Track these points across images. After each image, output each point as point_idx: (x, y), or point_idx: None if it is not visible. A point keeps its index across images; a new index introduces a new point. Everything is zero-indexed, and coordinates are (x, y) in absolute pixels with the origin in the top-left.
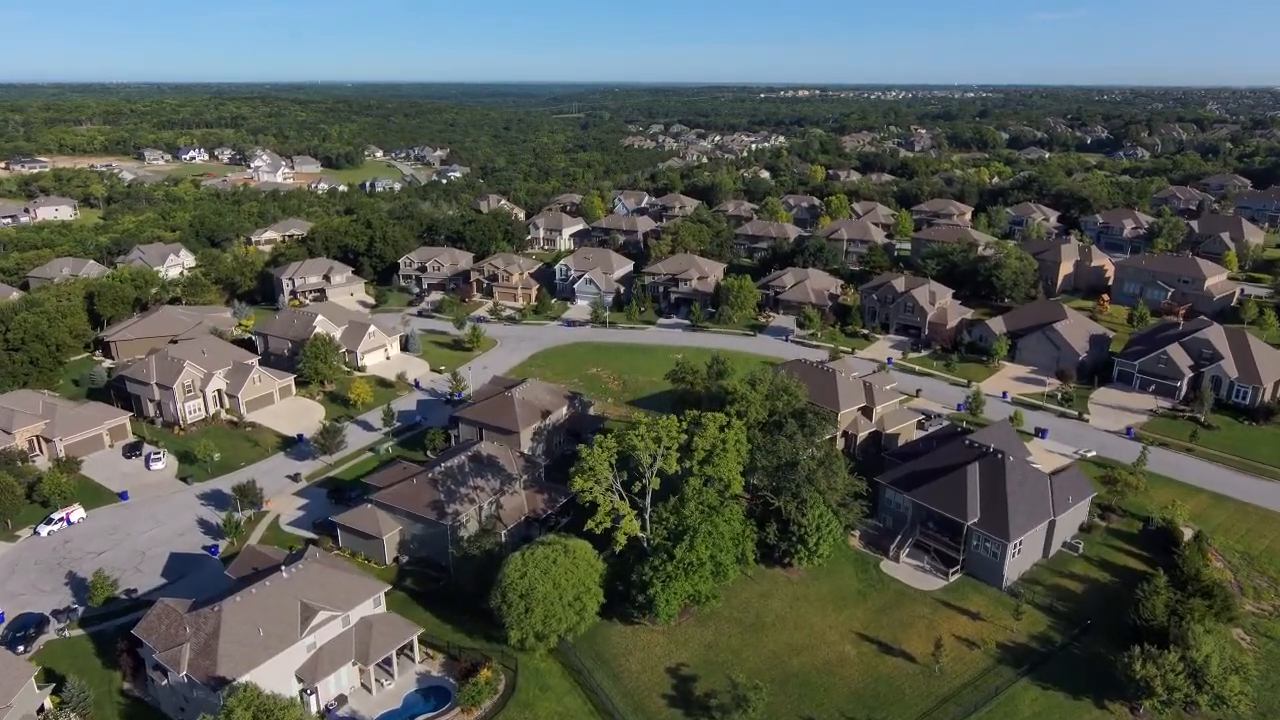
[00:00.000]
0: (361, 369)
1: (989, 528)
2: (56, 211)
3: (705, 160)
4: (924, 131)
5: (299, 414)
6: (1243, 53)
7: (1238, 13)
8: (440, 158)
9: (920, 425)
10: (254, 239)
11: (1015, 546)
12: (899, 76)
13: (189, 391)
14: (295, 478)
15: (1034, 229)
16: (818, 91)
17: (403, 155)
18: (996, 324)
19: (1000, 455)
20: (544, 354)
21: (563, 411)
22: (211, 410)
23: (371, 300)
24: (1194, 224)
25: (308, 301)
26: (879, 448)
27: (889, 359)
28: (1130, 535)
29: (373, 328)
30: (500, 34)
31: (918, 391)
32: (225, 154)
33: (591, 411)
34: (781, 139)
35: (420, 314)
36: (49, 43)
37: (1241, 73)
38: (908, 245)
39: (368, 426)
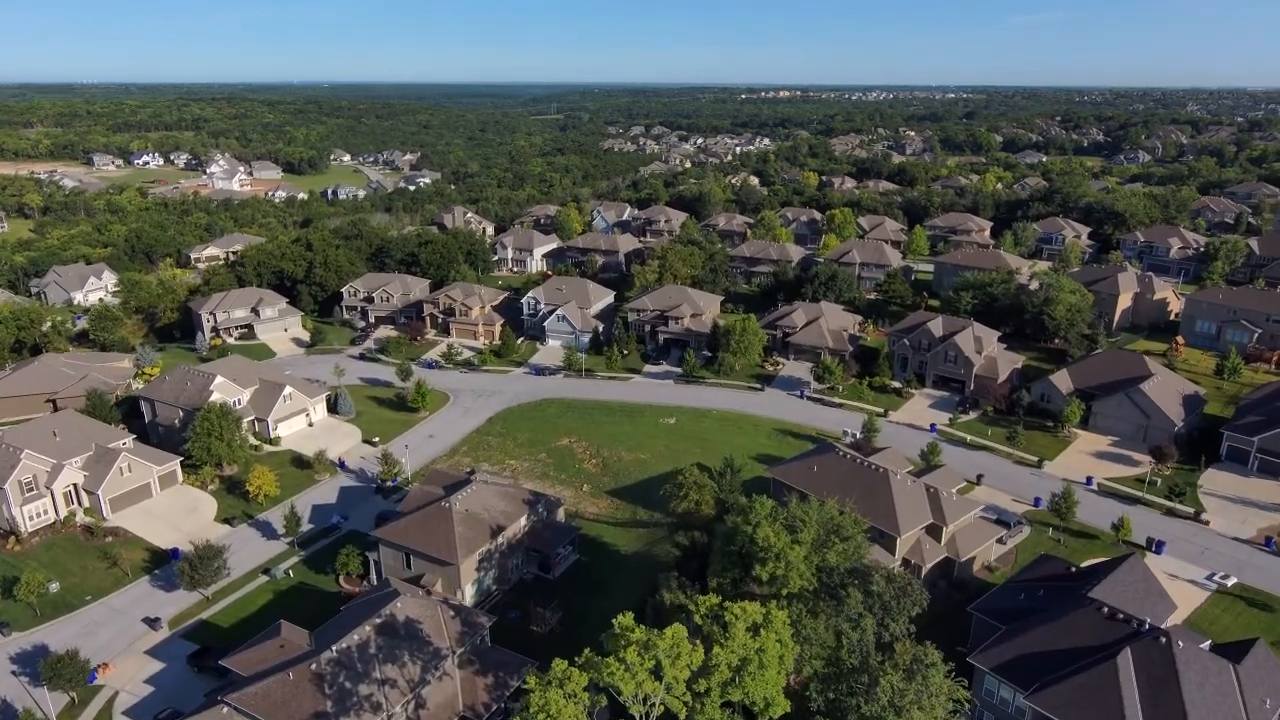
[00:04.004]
0: (275, 441)
1: None
2: None
3: (689, 165)
4: (914, 134)
5: (182, 513)
6: (1214, 55)
7: (1206, 17)
8: (410, 162)
9: (999, 540)
10: (193, 256)
11: None
12: (879, 77)
13: (29, 490)
14: (154, 622)
15: (1070, 250)
16: (799, 93)
17: (371, 159)
18: (1061, 379)
19: (1164, 639)
20: (505, 415)
21: (521, 523)
22: (64, 512)
23: (307, 337)
24: (1252, 243)
25: (232, 340)
26: (949, 580)
27: (932, 425)
28: None
29: (289, 389)
30: (481, 33)
31: (979, 477)
32: (181, 159)
33: (562, 514)
34: (767, 141)
35: (363, 356)
36: (16, 44)
37: (1214, 74)
38: (927, 267)
39: (269, 531)
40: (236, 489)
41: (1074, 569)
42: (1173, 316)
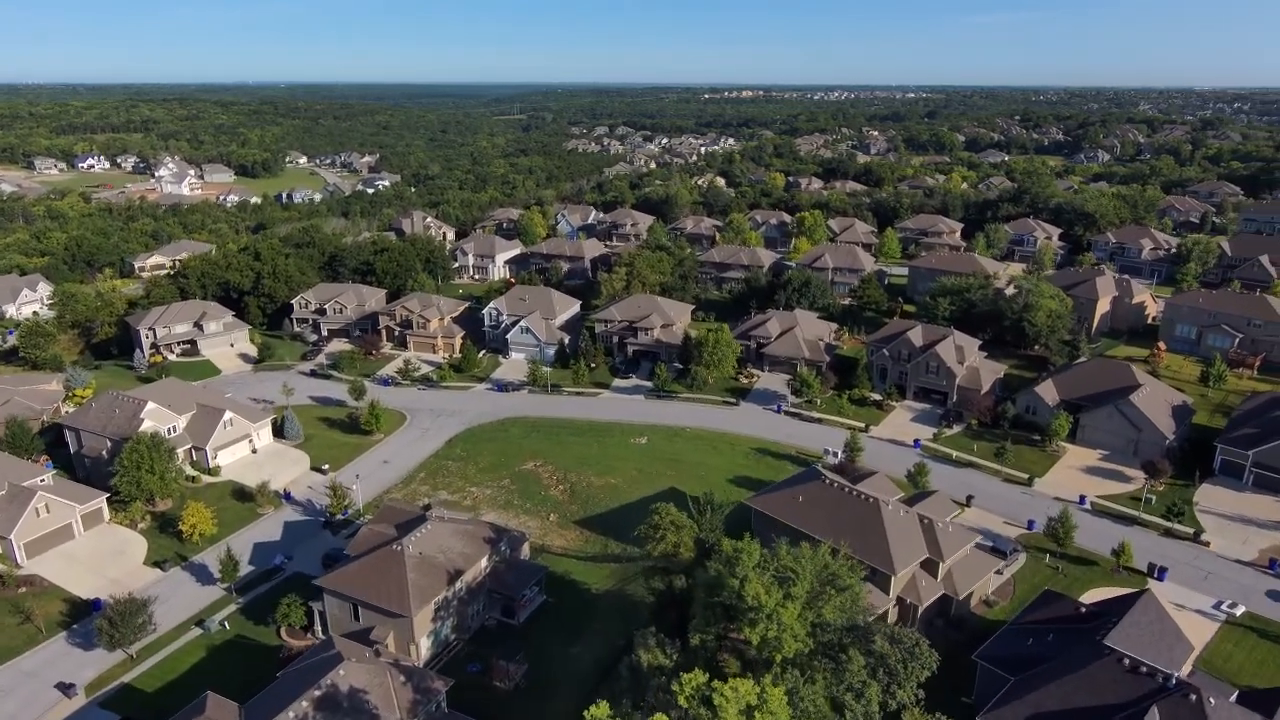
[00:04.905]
0: (214, 471)
1: None
2: None
3: (654, 166)
4: (877, 134)
5: (108, 556)
6: (1163, 55)
7: (1155, 18)
8: (368, 164)
9: (997, 570)
10: (137, 265)
11: None
12: (840, 77)
13: None
14: (69, 689)
15: (1043, 252)
16: (762, 92)
17: (328, 162)
18: (1047, 390)
19: (1194, 695)
20: (465, 437)
21: (482, 564)
22: None
23: (255, 353)
24: (1224, 244)
25: (174, 356)
26: (947, 619)
27: (915, 441)
28: None
29: (229, 414)
30: (449, 33)
31: (969, 499)
32: (129, 162)
33: (526, 550)
34: (731, 141)
35: (314, 372)
36: None
37: (1163, 74)
38: (901, 271)
39: (204, 575)
40: (170, 527)
41: (1083, 609)
42: (1150, 320)
